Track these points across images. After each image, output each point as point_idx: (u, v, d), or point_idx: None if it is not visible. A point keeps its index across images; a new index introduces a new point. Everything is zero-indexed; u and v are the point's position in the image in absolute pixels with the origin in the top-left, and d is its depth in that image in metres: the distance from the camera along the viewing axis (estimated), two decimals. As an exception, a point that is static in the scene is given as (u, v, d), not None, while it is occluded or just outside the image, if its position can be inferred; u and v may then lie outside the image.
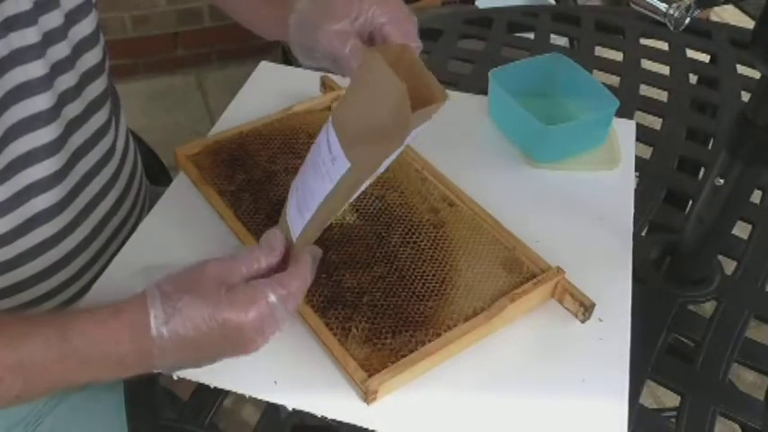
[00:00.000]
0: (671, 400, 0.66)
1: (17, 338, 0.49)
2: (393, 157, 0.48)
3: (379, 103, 0.45)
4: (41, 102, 0.65)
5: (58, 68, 0.67)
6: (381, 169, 0.49)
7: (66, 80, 0.68)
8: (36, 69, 0.63)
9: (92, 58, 0.72)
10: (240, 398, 0.59)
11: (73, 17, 0.68)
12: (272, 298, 0.51)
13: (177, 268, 0.53)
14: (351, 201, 0.51)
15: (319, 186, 0.50)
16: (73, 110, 0.70)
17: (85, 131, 0.72)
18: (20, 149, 0.64)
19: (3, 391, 0.50)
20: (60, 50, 0.67)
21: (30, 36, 0.62)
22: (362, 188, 0.50)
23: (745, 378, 1.07)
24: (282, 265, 0.55)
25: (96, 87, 0.73)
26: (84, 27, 0.70)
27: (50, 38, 0.65)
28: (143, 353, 0.50)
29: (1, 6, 0.59)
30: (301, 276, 0.53)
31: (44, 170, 0.67)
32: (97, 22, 0.73)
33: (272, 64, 0.94)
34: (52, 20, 0.65)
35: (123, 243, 0.70)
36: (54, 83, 0.66)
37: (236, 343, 0.51)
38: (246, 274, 0.53)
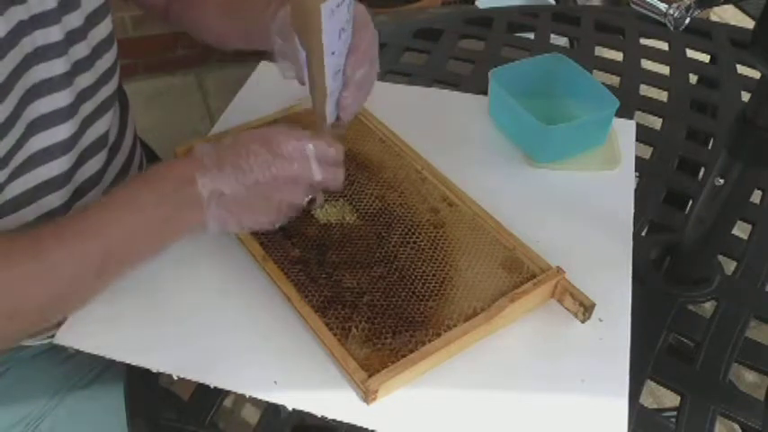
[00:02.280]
0: (671, 400, 0.66)
1: (88, 219, 0.58)
2: (329, 37, 0.58)
3: None
4: (61, 99, 0.66)
5: (79, 67, 0.68)
6: (330, 45, 0.59)
7: (85, 79, 0.70)
8: (59, 66, 0.65)
9: (108, 59, 0.74)
10: (240, 398, 0.59)
11: (92, 19, 0.70)
12: (311, 146, 0.59)
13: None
14: (328, 79, 0.62)
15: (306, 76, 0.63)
16: (86, 109, 0.71)
17: (95, 131, 0.73)
18: (38, 145, 0.65)
19: (85, 267, 0.57)
20: (80, 50, 0.68)
21: (54, 34, 0.64)
22: (324, 64, 0.60)
23: (745, 378, 1.07)
24: None
25: (108, 88, 0.75)
26: (102, 29, 0.72)
27: (72, 37, 0.67)
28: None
29: (28, 4, 0.60)
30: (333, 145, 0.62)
31: (58, 168, 0.68)
32: (113, 26, 0.74)
33: (272, 64, 0.93)
34: (74, 20, 0.66)
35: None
36: (74, 81, 0.67)
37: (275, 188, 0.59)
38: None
